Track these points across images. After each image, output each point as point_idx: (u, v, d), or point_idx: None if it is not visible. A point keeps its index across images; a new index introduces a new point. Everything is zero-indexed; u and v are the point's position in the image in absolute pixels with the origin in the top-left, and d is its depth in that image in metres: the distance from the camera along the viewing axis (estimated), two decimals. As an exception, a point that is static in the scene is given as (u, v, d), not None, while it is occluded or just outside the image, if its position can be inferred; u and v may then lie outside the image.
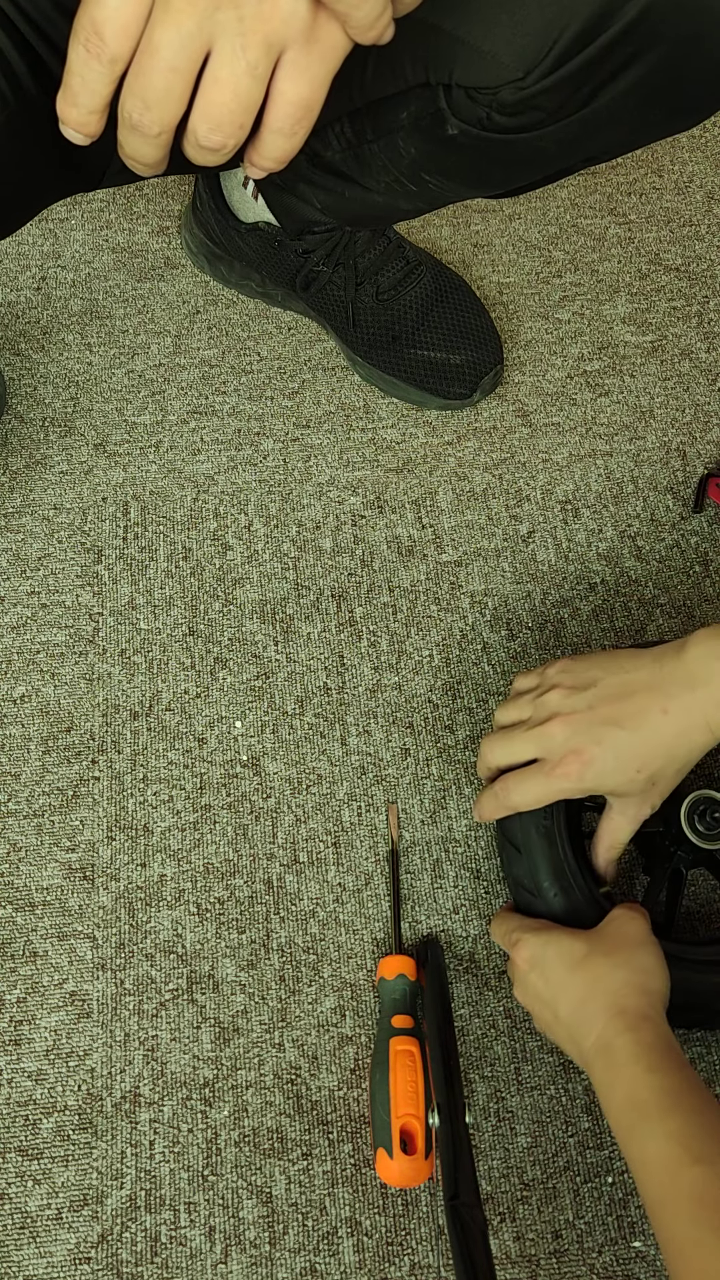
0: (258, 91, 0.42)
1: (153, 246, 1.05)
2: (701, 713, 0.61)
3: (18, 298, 1.02)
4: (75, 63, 0.42)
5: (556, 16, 0.55)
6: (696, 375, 1.00)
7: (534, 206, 1.09)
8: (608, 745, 0.63)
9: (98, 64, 0.42)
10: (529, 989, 0.66)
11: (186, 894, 0.77)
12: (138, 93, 0.42)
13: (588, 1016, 0.60)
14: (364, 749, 0.82)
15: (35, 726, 0.82)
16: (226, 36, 0.41)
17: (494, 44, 0.57)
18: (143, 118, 0.43)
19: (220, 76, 0.42)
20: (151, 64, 0.41)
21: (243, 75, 0.41)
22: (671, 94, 0.60)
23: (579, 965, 0.63)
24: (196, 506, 0.92)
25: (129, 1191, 0.69)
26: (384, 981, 0.73)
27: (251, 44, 0.41)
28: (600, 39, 0.55)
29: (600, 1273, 0.68)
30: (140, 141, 0.44)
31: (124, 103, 0.43)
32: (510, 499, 0.93)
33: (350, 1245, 0.68)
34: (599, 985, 0.61)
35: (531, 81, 0.57)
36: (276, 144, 0.45)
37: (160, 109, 0.42)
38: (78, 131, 0.45)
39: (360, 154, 0.70)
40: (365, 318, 0.94)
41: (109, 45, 0.41)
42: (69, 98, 0.43)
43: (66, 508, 0.91)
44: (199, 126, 0.43)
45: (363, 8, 0.41)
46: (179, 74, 0.41)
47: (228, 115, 0.42)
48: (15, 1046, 0.73)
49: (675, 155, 1.14)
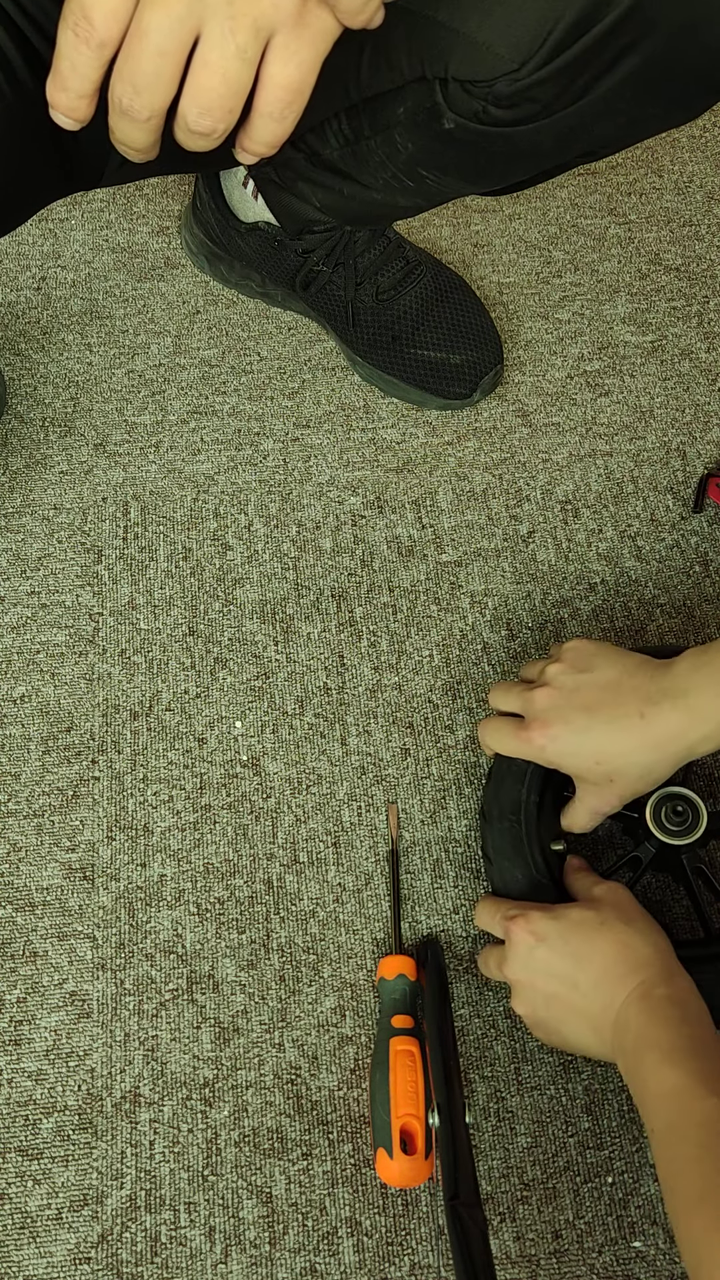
0: (247, 75, 0.42)
1: (153, 246, 1.05)
2: (678, 725, 0.62)
3: (18, 298, 1.02)
4: (64, 47, 0.42)
5: (551, 7, 0.55)
6: (696, 375, 1.00)
7: (534, 206, 1.09)
8: (575, 727, 0.66)
9: (86, 48, 0.42)
10: (535, 964, 0.64)
11: (186, 894, 0.77)
12: (127, 77, 0.42)
13: (620, 975, 0.61)
14: (364, 749, 0.82)
15: (35, 726, 0.82)
16: (215, 20, 0.40)
17: (489, 36, 0.57)
18: (133, 102, 0.43)
19: (209, 60, 0.41)
20: (140, 48, 0.41)
21: (232, 59, 0.41)
22: (668, 85, 0.60)
23: (599, 930, 0.63)
24: (196, 506, 0.92)
25: (129, 1191, 0.69)
26: (384, 981, 0.73)
27: (240, 27, 0.41)
28: (595, 29, 0.55)
29: (600, 1273, 0.68)
30: (131, 126, 0.44)
31: (114, 87, 0.43)
32: (510, 499, 0.93)
33: (350, 1245, 0.68)
34: (626, 947, 0.62)
35: (527, 73, 0.57)
36: (267, 128, 0.45)
37: (150, 93, 0.42)
38: (67, 116, 0.44)
39: (358, 151, 0.70)
40: (365, 318, 0.94)
41: (98, 30, 0.41)
42: (58, 83, 0.43)
43: (66, 508, 0.91)
44: (189, 111, 0.43)
45: None
46: (168, 58, 0.41)
47: (217, 99, 0.42)
48: (15, 1046, 0.73)
49: (675, 155, 1.14)
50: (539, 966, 0.64)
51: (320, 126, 0.71)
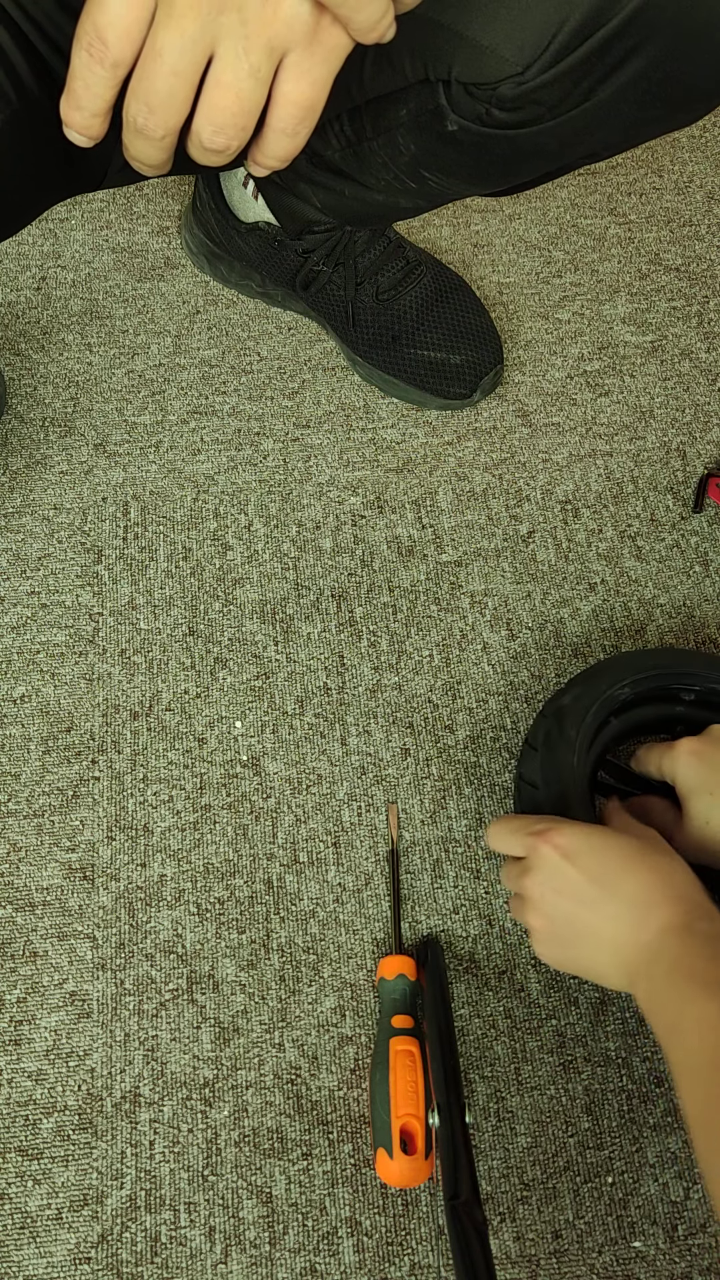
0: (260, 94, 0.43)
1: (153, 246, 1.05)
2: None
3: (18, 298, 1.02)
4: (78, 67, 0.42)
5: (556, 10, 0.55)
6: (696, 375, 1.00)
7: (534, 206, 1.09)
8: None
9: (100, 68, 0.42)
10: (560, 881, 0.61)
11: (186, 894, 0.77)
12: (142, 97, 0.42)
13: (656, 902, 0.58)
14: (364, 749, 0.82)
15: (35, 726, 0.82)
16: (230, 40, 0.41)
17: (494, 39, 0.57)
18: (147, 121, 0.43)
19: (223, 80, 0.42)
20: (155, 68, 0.41)
21: (245, 78, 0.42)
22: (672, 88, 0.60)
23: (637, 854, 0.60)
24: (196, 506, 0.92)
25: (129, 1191, 0.69)
26: (384, 981, 0.73)
27: (254, 47, 0.41)
28: (600, 32, 0.55)
29: (600, 1273, 0.68)
30: (145, 144, 0.44)
31: (128, 107, 0.43)
32: (510, 499, 0.93)
33: (350, 1245, 0.68)
34: (667, 875, 0.59)
35: (531, 76, 0.57)
36: (280, 143, 0.45)
37: (164, 112, 0.43)
38: (81, 134, 0.45)
39: (360, 151, 0.70)
40: (365, 318, 0.94)
41: (112, 50, 0.41)
42: (72, 101, 0.44)
43: (66, 508, 0.91)
44: (203, 129, 0.43)
45: (365, 10, 0.41)
46: (182, 78, 0.42)
47: (231, 118, 0.43)
48: (15, 1046, 0.73)
49: (675, 155, 1.14)
50: (566, 878, 0.61)
51: (322, 128, 0.71)
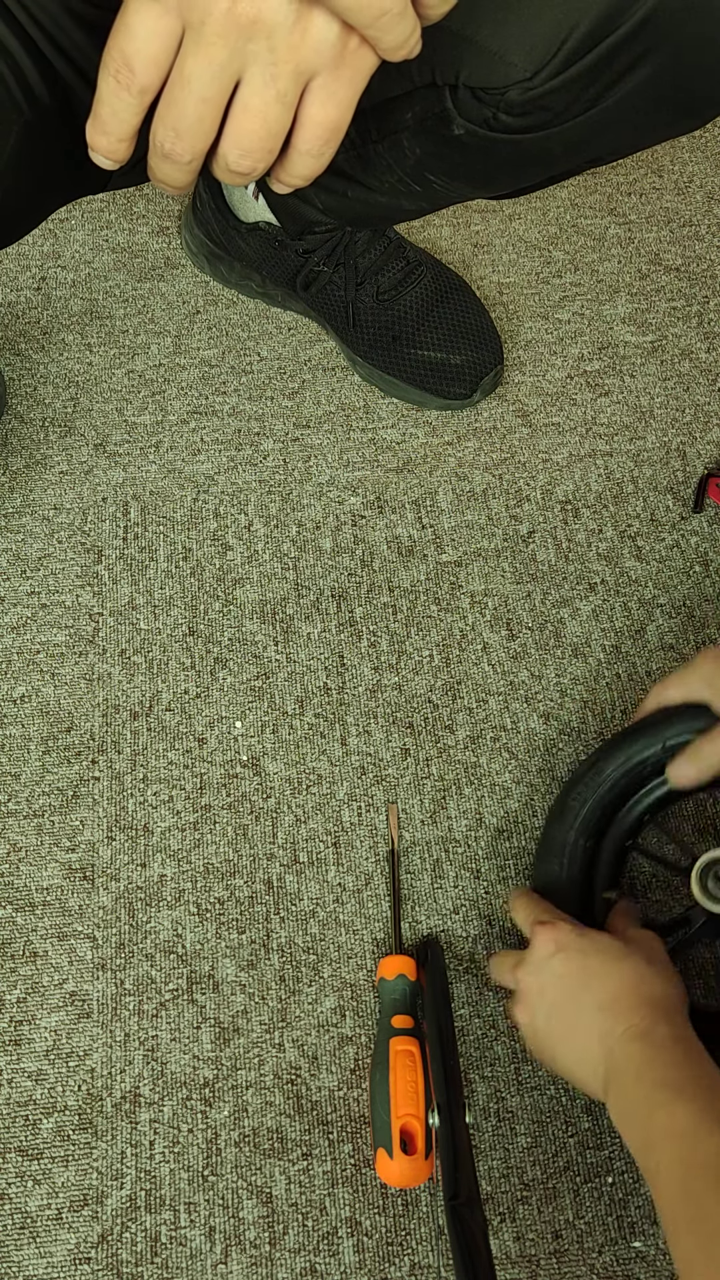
0: (287, 118, 0.43)
1: (153, 246, 1.05)
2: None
3: (18, 298, 1.02)
4: (105, 93, 0.43)
5: (565, 16, 0.55)
6: (696, 375, 1.00)
7: (534, 206, 1.09)
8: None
9: (128, 95, 0.42)
10: (548, 970, 0.64)
11: (186, 894, 0.77)
12: (170, 123, 0.43)
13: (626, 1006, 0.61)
14: (364, 749, 0.82)
15: (35, 726, 0.82)
16: (258, 66, 0.41)
17: (502, 44, 0.57)
18: (175, 146, 0.44)
19: (251, 105, 0.42)
20: (183, 95, 0.42)
21: (273, 104, 0.42)
22: (679, 94, 0.60)
23: (620, 958, 0.63)
24: (196, 506, 0.92)
25: (129, 1191, 0.69)
26: (384, 981, 0.73)
27: (282, 74, 0.41)
28: (609, 39, 0.55)
29: (600, 1273, 0.68)
30: (171, 168, 0.45)
31: (155, 132, 0.44)
32: (510, 499, 0.93)
33: (350, 1245, 0.68)
34: (642, 981, 0.62)
35: (540, 82, 0.57)
36: (304, 164, 0.46)
37: (191, 138, 0.43)
38: (107, 158, 0.46)
39: (364, 154, 0.70)
40: (365, 318, 0.94)
41: (139, 77, 0.42)
42: (99, 126, 0.44)
43: (66, 508, 0.91)
44: (229, 153, 0.44)
45: (395, 30, 0.41)
46: (210, 104, 0.42)
47: (258, 142, 0.43)
48: (15, 1046, 0.73)
49: (675, 155, 1.14)
50: (551, 974, 0.64)
51: None
